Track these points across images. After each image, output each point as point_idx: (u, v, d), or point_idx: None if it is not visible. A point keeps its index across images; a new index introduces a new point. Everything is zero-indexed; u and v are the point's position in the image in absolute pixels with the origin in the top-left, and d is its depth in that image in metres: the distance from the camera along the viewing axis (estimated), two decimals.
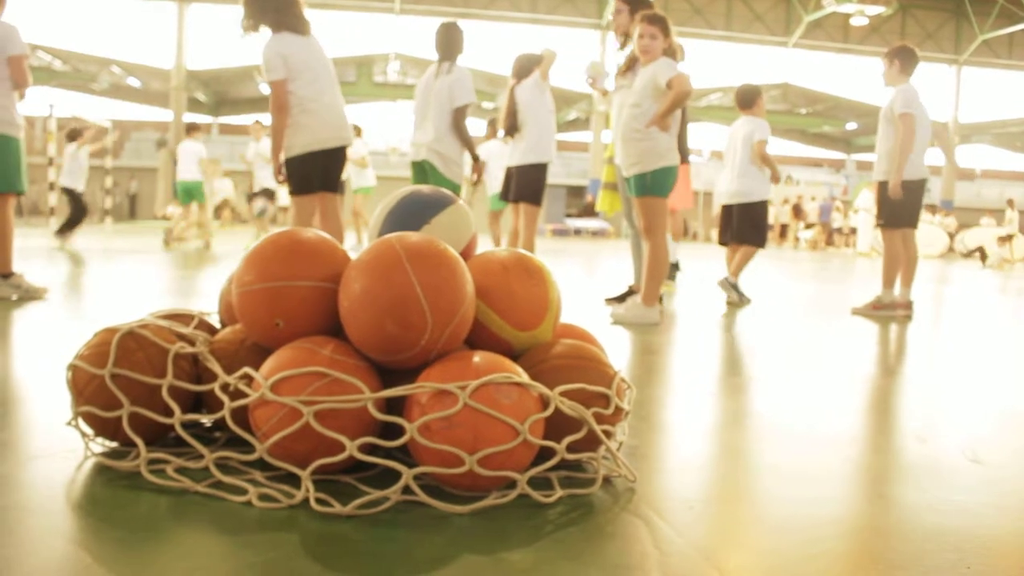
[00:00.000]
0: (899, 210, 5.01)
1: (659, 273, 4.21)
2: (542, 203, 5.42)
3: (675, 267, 7.73)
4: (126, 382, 1.54)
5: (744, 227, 5.60)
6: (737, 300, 5.36)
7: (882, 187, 5.09)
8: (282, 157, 4.12)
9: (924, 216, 15.78)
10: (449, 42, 4.97)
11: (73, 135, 9.99)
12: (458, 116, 4.88)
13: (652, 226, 4.20)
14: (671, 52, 4.15)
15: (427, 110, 4.92)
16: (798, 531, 1.35)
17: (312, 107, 4.03)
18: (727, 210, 5.71)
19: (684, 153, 7.55)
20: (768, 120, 5.74)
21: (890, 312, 4.99)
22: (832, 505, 1.48)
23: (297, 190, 4.13)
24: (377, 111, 31.61)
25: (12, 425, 1.80)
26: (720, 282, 5.53)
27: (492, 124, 8.66)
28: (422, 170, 4.98)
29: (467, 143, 4.95)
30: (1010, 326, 4.99)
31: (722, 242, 5.81)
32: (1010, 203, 20.32)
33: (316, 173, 4.11)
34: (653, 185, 4.15)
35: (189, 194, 10.21)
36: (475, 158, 5.07)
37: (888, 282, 5.08)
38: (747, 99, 5.69)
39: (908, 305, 5.03)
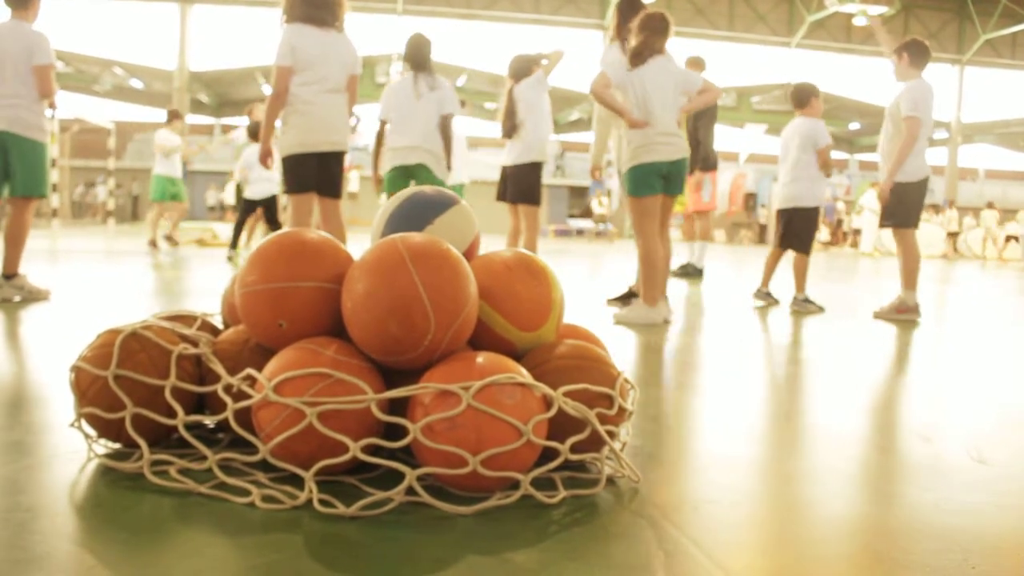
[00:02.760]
0: (903, 209, 4.90)
1: (649, 272, 4.18)
2: (540, 202, 5.42)
3: (699, 271, 7.73)
4: (129, 383, 1.54)
5: (790, 233, 5.34)
6: (817, 310, 5.12)
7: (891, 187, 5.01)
8: (274, 147, 4.16)
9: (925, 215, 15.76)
10: (424, 53, 5.12)
11: (256, 132, 8.07)
12: (447, 123, 5.06)
13: (634, 225, 4.27)
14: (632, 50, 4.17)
15: (413, 118, 5.03)
16: (803, 531, 1.34)
17: (303, 108, 4.02)
18: (781, 214, 5.43)
19: (712, 159, 7.59)
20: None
21: (912, 316, 4.83)
22: (837, 505, 1.47)
23: (289, 188, 4.16)
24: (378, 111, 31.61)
25: (15, 427, 1.80)
26: (793, 308, 5.19)
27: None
28: (409, 174, 5.09)
29: (448, 148, 5.09)
30: (1012, 325, 4.98)
31: (781, 246, 5.46)
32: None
33: (309, 174, 4.11)
34: (627, 185, 4.23)
35: (168, 192, 9.55)
36: (447, 166, 5.17)
37: (910, 284, 4.90)
38: (801, 98, 5.40)
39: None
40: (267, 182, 8.00)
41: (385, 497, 1.35)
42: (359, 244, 5.58)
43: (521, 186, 5.33)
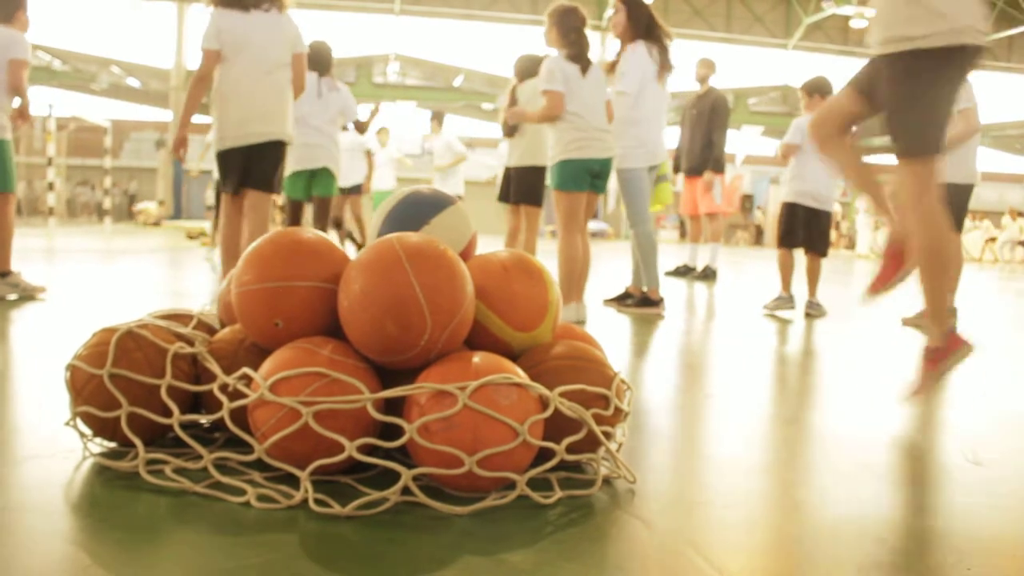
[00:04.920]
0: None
1: (568, 271, 4.18)
2: (542, 204, 5.42)
3: (713, 272, 7.75)
4: (125, 382, 1.54)
5: (816, 235, 5.11)
6: (824, 312, 5.03)
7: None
8: (208, 140, 4.12)
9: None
10: (327, 59, 5.40)
11: None
12: (359, 127, 5.58)
13: (559, 221, 4.31)
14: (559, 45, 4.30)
15: (314, 117, 5.31)
16: (799, 533, 1.35)
17: (230, 96, 3.74)
18: (797, 210, 5.13)
19: (721, 162, 7.66)
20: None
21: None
22: (832, 508, 1.47)
23: (225, 187, 3.87)
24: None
25: (10, 425, 1.80)
26: (808, 310, 5.04)
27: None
28: (312, 177, 5.41)
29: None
30: (1008, 327, 4.99)
31: (798, 246, 5.16)
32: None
33: (231, 172, 3.79)
34: (555, 178, 4.28)
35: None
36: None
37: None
38: (825, 91, 5.19)
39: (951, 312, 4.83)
40: None
41: (381, 497, 1.35)
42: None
43: (524, 187, 5.33)
